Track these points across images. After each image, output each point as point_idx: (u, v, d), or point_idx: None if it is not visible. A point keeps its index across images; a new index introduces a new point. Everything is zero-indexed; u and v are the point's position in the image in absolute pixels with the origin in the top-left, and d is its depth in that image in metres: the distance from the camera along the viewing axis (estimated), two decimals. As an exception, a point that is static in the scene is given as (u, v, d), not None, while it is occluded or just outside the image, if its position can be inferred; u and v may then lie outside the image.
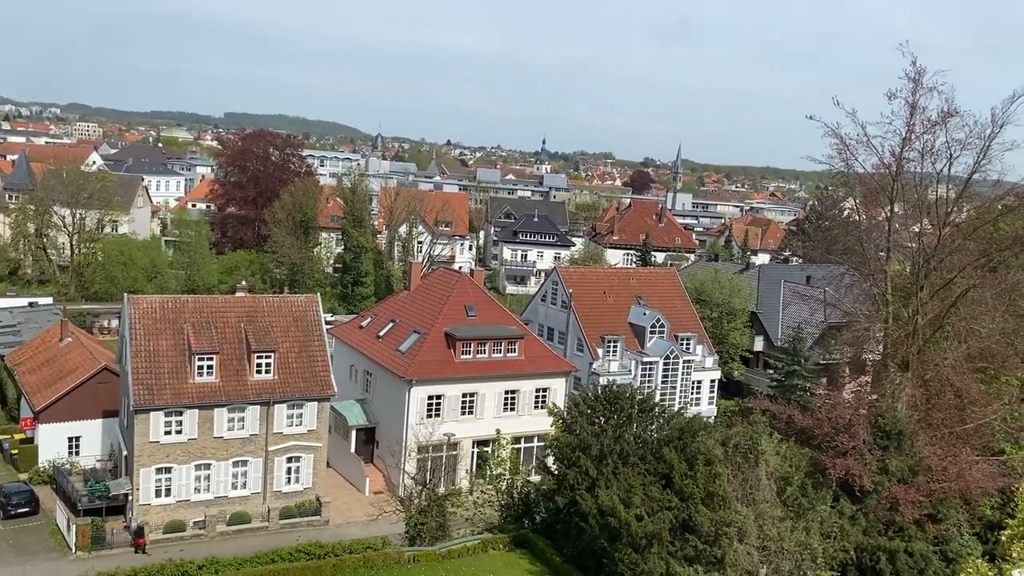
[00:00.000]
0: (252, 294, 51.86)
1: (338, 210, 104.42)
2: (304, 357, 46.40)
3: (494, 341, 52.68)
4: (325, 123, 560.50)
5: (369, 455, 53.36)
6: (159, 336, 43.58)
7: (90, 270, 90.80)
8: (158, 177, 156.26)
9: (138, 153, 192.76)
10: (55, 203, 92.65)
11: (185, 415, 43.04)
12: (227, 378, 44.11)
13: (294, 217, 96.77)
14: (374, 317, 58.33)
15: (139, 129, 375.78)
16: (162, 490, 43.22)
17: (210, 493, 44.24)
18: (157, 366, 42.94)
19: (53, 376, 51.77)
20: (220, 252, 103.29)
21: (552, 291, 66.63)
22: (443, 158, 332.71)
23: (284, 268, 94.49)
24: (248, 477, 45.08)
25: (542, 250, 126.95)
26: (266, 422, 44.87)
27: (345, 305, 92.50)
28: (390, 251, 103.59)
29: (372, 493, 49.94)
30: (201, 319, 44.74)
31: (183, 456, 43.33)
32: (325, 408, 46.91)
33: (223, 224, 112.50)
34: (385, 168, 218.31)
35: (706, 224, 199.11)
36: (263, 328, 45.63)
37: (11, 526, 42.74)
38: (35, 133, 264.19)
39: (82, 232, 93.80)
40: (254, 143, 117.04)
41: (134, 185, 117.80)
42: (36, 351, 56.54)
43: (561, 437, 41.52)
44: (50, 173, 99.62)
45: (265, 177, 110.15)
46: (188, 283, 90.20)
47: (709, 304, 73.95)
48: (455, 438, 50.17)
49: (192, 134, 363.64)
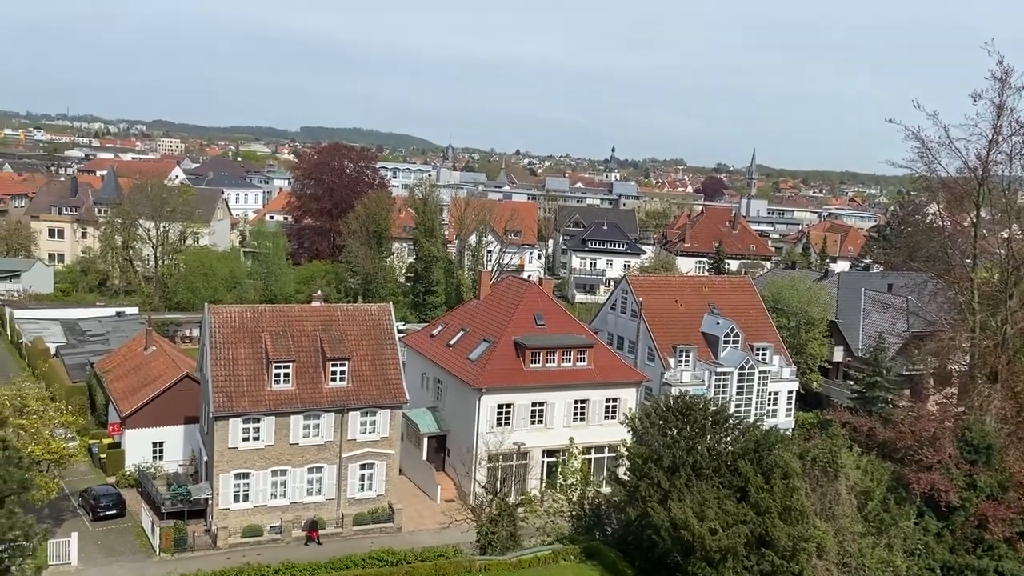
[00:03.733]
0: (327, 303, 52.92)
1: (410, 220, 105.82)
2: (377, 365, 47.04)
3: (563, 350, 52.51)
4: (398, 135, 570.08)
5: (440, 463, 53.73)
6: (238, 345, 44.78)
7: (173, 281, 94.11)
8: (237, 190, 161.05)
9: (218, 167, 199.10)
10: (141, 216, 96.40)
11: (262, 422, 44.10)
12: (303, 386, 45.04)
13: (367, 228, 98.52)
14: (445, 326, 58.82)
15: (219, 144, 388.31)
16: (240, 495, 44.31)
17: (286, 499, 45.16)
18: (236, 374, 44.11)
19: (138, 383, 53.72)
20: (297, 263, 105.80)
21: (622, 300, 66.09)
22: (512, 168, 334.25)
23: (358, 278, 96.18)
24: (323, 483, 45.87)
25: (611, 258, 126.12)
26: (340, 429, 45.63)
27: (416, 314, 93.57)
28: (460, 260, 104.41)
29: (444, 501, 50.24)
30: (278, 328, 45.82)
31: (260, 462, 44.38)
32: (397, 416, 47.45)
33: (299, 235, 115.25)
34: (455, 179, 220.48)
35: (782, 231, 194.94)
36: (337, 337, 46.46)
37: (100, 527, 44.39)
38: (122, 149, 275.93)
39: (165, 244, 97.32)
40: (329, 156, 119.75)
41: (214, 198, 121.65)
42: (123, 359, 58.76)
43: (632, 448, 41.06)
44: (136, 188, 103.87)
45: (340, 189, 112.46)
46: (266, 293, 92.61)
47: (786, 313, 72.22)
48: (525, 447, 50.11)
49: (270, 148, 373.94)
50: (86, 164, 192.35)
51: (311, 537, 44.21)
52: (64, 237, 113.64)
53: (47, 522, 41.04)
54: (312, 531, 44.29)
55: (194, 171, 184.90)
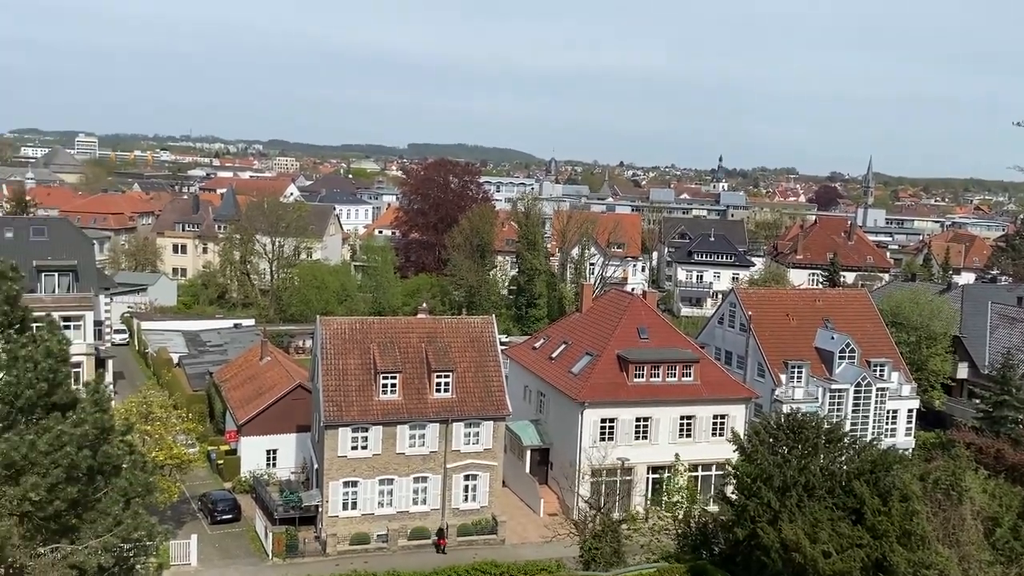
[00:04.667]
0: (432, 316, 53.78)
1: (513, 234, 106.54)
2: (480, 377, 47.43)
3: (668, 364, 51.59)
4: (501, 150, 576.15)
5: (544, 476, 53.60)
6: (347, 356, 46.01)
7: (287, 294, 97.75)
8: (348, 206, 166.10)
9: (330, 184, 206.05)
10: (257, 232, 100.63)
11: (370, 431, 45.10)
12: (409, 396, 45.84)
13: (471, 241, 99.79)
14: (547, 339, 58.80)
15: (331, 162, 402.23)
16: (349, 503, 45.39)
17: (392, 507, 45.98)
18: (345, 384, 45.31)
19: (254, 392, 55.90)
20: (404, 276, 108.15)
21: (730, 313, 64.47)
22: (616, 179, 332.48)
23: (462, 290, 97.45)
24: (428, 493, 46.48)
25: (719, 270, 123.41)
26: (445, 440, 46.17)
27: (519, 326, 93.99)
28: (563, 273, 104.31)
29: (547, 515, 50.06)
30: (386, 339, 46.84)
31: (368, 471, 45.36)
32: (500, 427, 47.66)
33: (406, 249, 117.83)
34: (558, 191, 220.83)
35: (901, 241, 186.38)
36: (442, 348, 47.11)
37: (217, 531, 46.32)
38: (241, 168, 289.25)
39: (280, 258, 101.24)
40: (435, 172, 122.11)
41: (327, 214, 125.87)
42: (240, 369, 61.32)
43: (741, 466, 39.89)
44: (253, 205, 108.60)
45: (445, 204, 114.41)
46: (375, 305, 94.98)
47: (906, 328, 68.87)
48: (629, 463, 49.41)
49: (379, 165, 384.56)
50: (207, 183, 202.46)
51: (438, 545, 44.89)
52: (187, 252, 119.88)
53: (169, 524, 43.00)
54: (441, 539, 44.97)
55: (308, 188, 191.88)
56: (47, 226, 70.43)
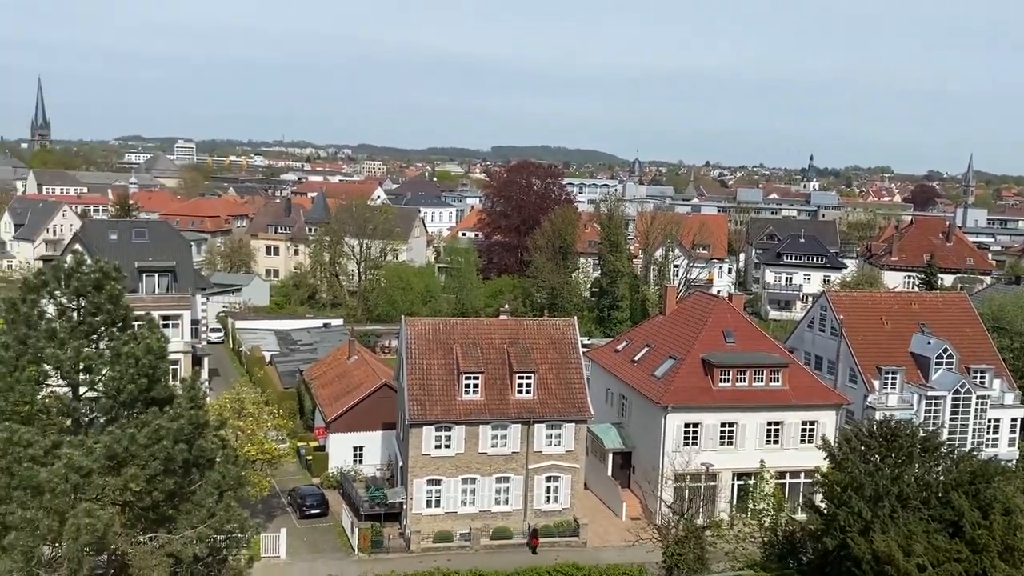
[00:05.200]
0: (514, 317, 54.01)
1: (595, 236, 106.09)
2: (562, 379, 47.40)
3: (754, 369, 50.47)
4: (584, 151, 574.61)
5: (626, 479, 53.19)
6: (431, 356, 46.66)
7: (374, 294, 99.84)
8: (433, 208, 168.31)
9: (416, 187, 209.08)
10: (346, 234, 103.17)
11: (453, 430, 45.62)
12: (491, 397, 46.17)
13: (554, 243, 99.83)
14: (629, 341, 58.31)
15: (417, 165, 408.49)
16: (432, 501, 46.01)
17: (475, 507, 46.39)
18: (429, 384, 45.97)
19: (342, 390, 57.26)
20: (486, 277, 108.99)
21: (820, 317, 62.60)
22: (701, 180, 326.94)
23: (544, 292, 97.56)
24: (510, 493, 46.72)
25: (809, 273, 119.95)
26: (526, 441, 46.32)
27: (601, 329, 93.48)
28: (646, 275, 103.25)
29: (629, 518, 49.65)
30: (468, 340, 47.31)
31: (451, 470, 45.90)
32: (582, 430, 47.53)
33: (489, 251, 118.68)
34: (642, 193, 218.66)
35: (1004, 242, 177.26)
36: (524, 350, 47.28)
37: (305, 525, 47.61)
38: (331, 172, 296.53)
39: (367, 260, 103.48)
40: (518, 174, 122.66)
41: (412, 216, 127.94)
42: (328, 367, 62.90)
43: (831, 474, 38.70)
44: (342, 208, 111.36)
45: (528, 206, 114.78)
46: (458, 306, 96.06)
47: (1009, 333, 65.52)
48: (713, 468, 48.57)
49: (463, 168, 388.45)
50: (299, 187, 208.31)
51: (532, 545, 45.07)
52: (279, 254, 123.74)
53: (260, 517, 44.58)
54: (534, 538, 45.15)
55: (394, 191, 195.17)
56: (148, 229, 73.79)
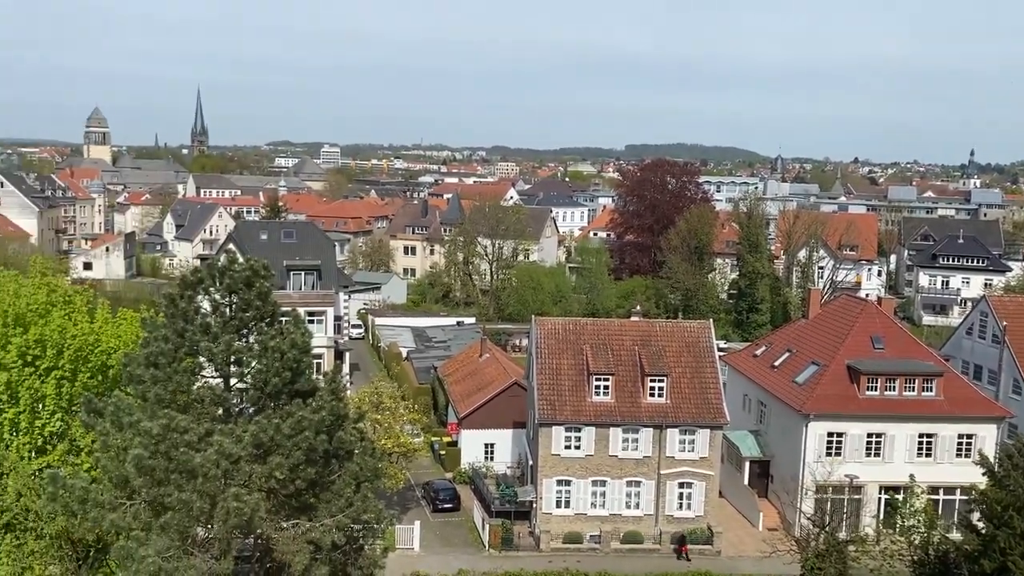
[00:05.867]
0: (646, 319, 53.20)
1: (733, 235, 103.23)
2: (696, 383, 46.26)
3: (905, 377, 47.54)
4: (722, 148, 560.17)
5: (763, 488, 51.36)
6: (561, 356, 46.60)
7: (505, 294, 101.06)
8: (564, 209, 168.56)
9: (548, 187, 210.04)
10: (479, 235, 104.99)
11: (583, 432, 45.38)
12: (622, 399, 45.62)
13: (689, 243, 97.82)
14: (769, 346, 56.27)
15: (549, 165, 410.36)
16: (562, 501, 45.92)
17: (605, 509, 45.96)
18: (559, 383, 45.92)
19: (474, 387, 58.15)
20: (618, 278, 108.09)
21: (980, 323, 58.34)
22: (849, 177, 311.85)
23: (678, 294, 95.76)
24: (641, 498, 46.02)
25: (968, 276, 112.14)
26: (658, 445, 45.49)
27: (739, 332, 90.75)
28: (788, 277, 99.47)
29: (766, 529, 47.90)
30: (599, 341, 46.95)
31: (581, 471, 45.67)
32: (717, 436, 46.25)
33: (621, 251, 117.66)
34: (784, 191, 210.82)
35: None
36: (656, 352, 46.46)
37: (438, 519, 48.59)
38: (465, 174, 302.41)
39: (500, 260, 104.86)
40: (652, 173, 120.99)
41: (543, 217, 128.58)
42: (461, 364, 64.05)
43: (990, 492, 35.90)
44: (476, 209, 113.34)
45: (662, 205, 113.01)
46: (588, 307, 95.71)
47: None
48: (858, 481, 46.12)
49: (595, 167, 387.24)
50: (435, 188, 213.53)
51: (681, 552, 44.31)
52: (416, 254, 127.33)
53: (395, 509, 45.95)
54: (682, 545, 44.38)
55: (526, 192, 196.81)
56: (296, 229, 77.53)
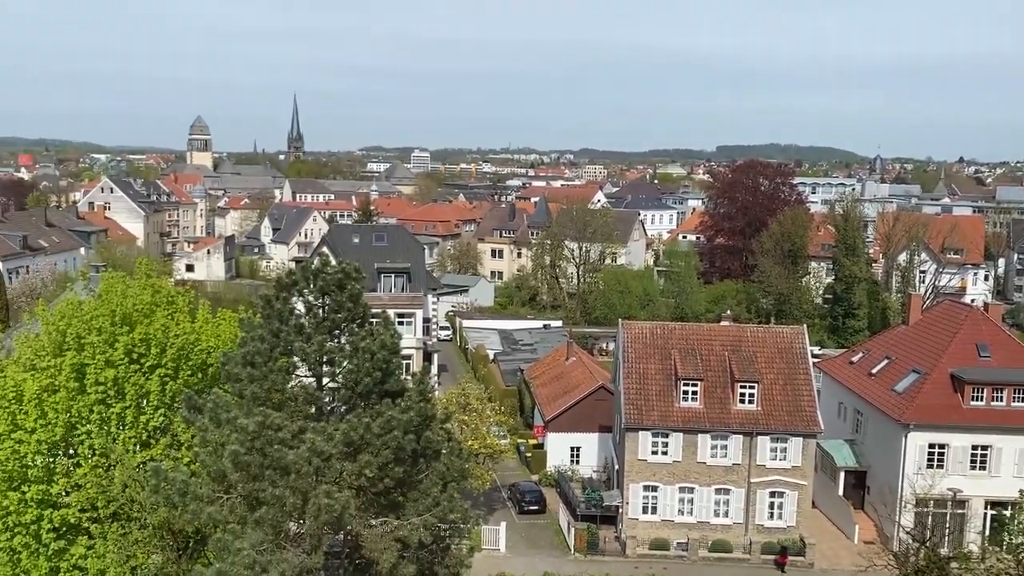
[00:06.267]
0: (737, 323, 52.15)
1: (829, 238, 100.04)
2: (788, 390, 45.07)
3: (1015, 387, 45.14)
4: (818, 149, 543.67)
5: (859, 500, 49.57)
6: (648, 360, 46.11)
7: (592, 297, 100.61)
8: (653, 211, 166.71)
9: (636, 190, 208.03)
10: (566, 238, 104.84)
11: (671, 437, 44.79)
12: (711, 405, 44.83)
13: (782, 247, 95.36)
14: (866, 352, 54.31)
15: (638, 168, 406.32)
16: (648, 507, 45.44)
17: (692, 516, 45.25)
18: (646, 388, 45.44)
19: (560, 390, 58.09)
20: (707, 282, 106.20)
21: (1098, 331, 54.84)
22: (953, 177, 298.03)
23: (770, 298, 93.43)
24: (729, 506, 45.12)
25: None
26: (749, 453, 44.52)
27: (834, 338, 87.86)
28: (887, 281, 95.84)
29: (862, 542, 46.26)
30: (687, 346, 46.26)
31: (668, 477, 45.07)
32: (811, 445, 44.92)
33: (711, 254, 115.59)
34: (883, 192, 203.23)
35: None
36: (747, 358, 45.46)
37: (523, 520, 48.75)
38: (553, 177, 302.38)
39: (587, 263, 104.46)
40: (744, 174, 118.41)
41: (631, 220, 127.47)
42: (547, 367, 64.08)
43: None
44: (563, 212, 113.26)
45: (754, 207, 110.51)
46: (677, 311, 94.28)
47: None
48: (962, 494, 44.02)
49: (685, 169, 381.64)
50: (522, 192, 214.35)
51: (780, 563, 43.42)
52: (503, 257, 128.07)
53: (481, 510, 46.31)
54: (782, 556, 43.48)
55: (614, 194, 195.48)
56: (386, 232, 79.08)
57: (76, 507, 25.62)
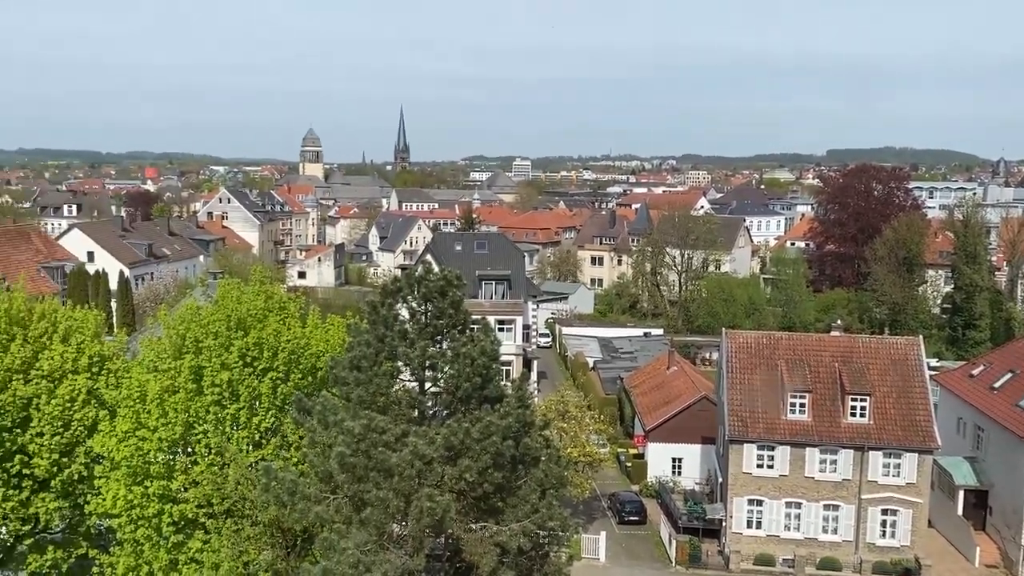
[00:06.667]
0: (848, 334, 50.29)
1: (948, 245, 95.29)
2: (903, 404, 43.16)
3: None
4: (935, 151, 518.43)
5: (980, 521, 46.89)
6: (753, 370, 44.98)
7: (695, 305, 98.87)
8: (759, 217, 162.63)
9: (741, 196, 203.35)
10: (668, 245, 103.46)
11: (777, 451, 43.55)
12: (819, 418, 43.37)
13: (897, 254, 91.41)
14: (987, 365, 51.39)
15: (743, 173, 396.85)
16: (753, 521, 44.26)
17: (799, 532, 43.83)
18: (751, 399, 44.34)
19: (660, 400, 57.32)
20: (817, 290, 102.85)
21: None
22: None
23: (884, 308, 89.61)
24: (839, 523, 43.51)
25: None
26: (860, 468, 42.83)
27: (953, 350, 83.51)
28: (1011, 291, 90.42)
29: (983, 565, 43.76)
30: (794, 356, 44.92)
31: (774, 491, 43.82)
32: (927, 462, 42.84)
33: (821, 262, 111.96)
34: (1008, 196, 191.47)
35: None
36: (858, 370, 43.80)
37: (623, 530, 48.26)
38: (655, 184, 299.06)
39: (689, 270, 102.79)
40: (855, 179, 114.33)
41: (736, 226, 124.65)
42: (648, 376, 63.34)
43: None
44: (664, 218, 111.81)
45: (867, 213, 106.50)
46: (784, 320, 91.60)
47: None
48: (1098, 519, 41.04)
49: (793, 174, 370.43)
50: (623, 198, 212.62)
51: None
52: (603, 264, 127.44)
53: (580, 518, 46.12)
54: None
55: (718, 201, 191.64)
56: (488, 240, 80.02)
57: (193, 503, 26.92)
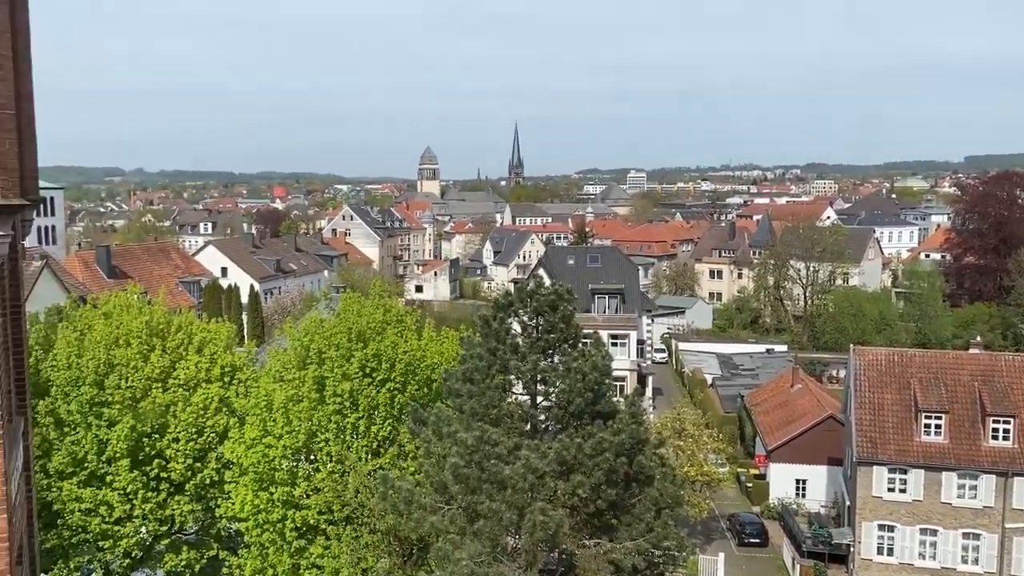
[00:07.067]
0: (989, 351, 47.09)
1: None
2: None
3: None
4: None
5: None
6: (884, 389, 42.74)
7: (821, 320, 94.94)
8: (890, 228, 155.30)
9: (871, 205, 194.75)
10: (792, 257, 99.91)
11: (910, 474, 41.16)
12: (957, 440, 40.72)
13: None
14: None
15: (873, 182, 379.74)
16: (884, 548, 41.96)
17: (936, 562, 41.23)
18: (881, 419, 42.12)
19: (783, 419, 55.23)
20: (954, 305, 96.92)
21: None
22: None
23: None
24: (980, 553, 40.65)
25: None
26: (1003, 495, 39.89)
27: (1113, 370, 76.83)
28: None
29: None
30: (929, 375, 42.42)
31: (907, 516, 41.40)
32: (1081, 491, 39.43)
33: (958, 275, 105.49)
34: None
35: None
36: (1001, 390, 40.89)
37: (743, 552, 46.65)
38: (777, 194, 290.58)
39: (815, 284, 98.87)
40: (998, 186, 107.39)
41: (865, 237, 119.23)
42: (770, 394, 61.19)
43: None
44: (788, 230, 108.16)
45: (1009, 223, 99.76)
46: (918, 336, 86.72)
47: None
48: None
49: (928, 182, 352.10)
50: (743, 210, 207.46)
51: None
52: (722, 277, 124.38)
53: (698, 539, 44.92)
54: None
55: (846, 211, 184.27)
56: (600, 254, 79.55)
57: (315, 509, 27.80)
